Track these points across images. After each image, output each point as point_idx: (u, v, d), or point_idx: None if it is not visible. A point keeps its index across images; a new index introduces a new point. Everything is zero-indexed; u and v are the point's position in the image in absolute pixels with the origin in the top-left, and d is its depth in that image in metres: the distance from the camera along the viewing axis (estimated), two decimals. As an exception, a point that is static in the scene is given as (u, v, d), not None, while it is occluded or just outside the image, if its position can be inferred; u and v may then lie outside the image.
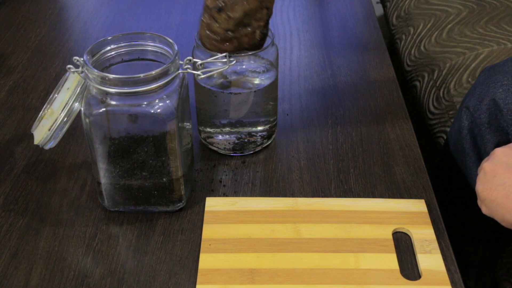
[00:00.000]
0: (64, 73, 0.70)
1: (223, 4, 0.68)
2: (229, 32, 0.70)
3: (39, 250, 0.69)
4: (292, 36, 1.11)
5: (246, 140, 0.81)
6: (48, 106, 0.69)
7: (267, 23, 0.73)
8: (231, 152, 0.82)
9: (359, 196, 0.76)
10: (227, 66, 0.69)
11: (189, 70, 0.69)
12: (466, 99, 0.83)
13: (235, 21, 0.68)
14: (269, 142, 0.84)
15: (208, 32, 0.70)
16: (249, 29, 0.70)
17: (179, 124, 0.68)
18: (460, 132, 0.82)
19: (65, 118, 0.69)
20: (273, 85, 0.80)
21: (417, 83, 1.17)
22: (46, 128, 0.69)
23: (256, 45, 0.73)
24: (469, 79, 1.06)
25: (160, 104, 0.66)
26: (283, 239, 0.69)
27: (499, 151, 0.63)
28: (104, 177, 0.70)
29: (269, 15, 0.72)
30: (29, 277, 0.66)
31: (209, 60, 0.71)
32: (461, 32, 1.17)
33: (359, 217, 0.72)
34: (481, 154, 0.79)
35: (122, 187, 0.71)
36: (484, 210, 0.63)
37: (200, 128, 0.83)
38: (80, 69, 0.66)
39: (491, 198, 0.61)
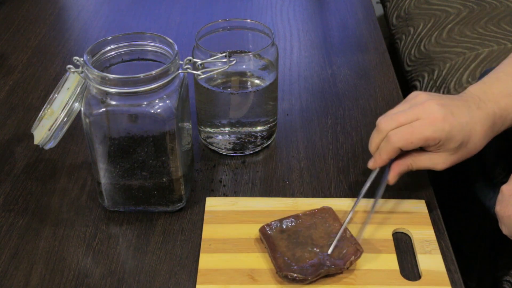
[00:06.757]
0: (64, 73, 0.70)
1: None
2: None
3: (39, 250, 0.69)
4: (292, 36, 1.11)
5: (246, 140, 0.81)
6: (48, 106, 0.69)
7: None
8: (231, 152, 0.82)
9: (359, 196, 0.76)
10: (227, 66, 0.69)
11: (189, 70, 0.69)
12: None
13: None
14: (269, 142, 0.84)
15: None
16: None
17: (179, 124, 0.68)
18: None
19: (65, 118, 0.69)
20: (273, 85, 0.80)
21: (417, 83, 1.17)
22: (46, 128, 0.69)
23: None
24: (469, 79, 1.06)
25: (160, 104, 0.66)
26: (283, 239, 0.69)
27: None
28: (104, 177, 0.70)
29: None
30: (29, 277, 0.66)
31: (209, 60, 0.71)
32: (461, 32, 1.17)
33: (359, 217, 0.72)
34: (481, 155, 0.79)
35: (122, 187, 0.71)
36: (504, 230, 0.63)
37: (200, 128, 0.83)
38: (80, 69, 0.66)
39: (508, 215, 0.62)
